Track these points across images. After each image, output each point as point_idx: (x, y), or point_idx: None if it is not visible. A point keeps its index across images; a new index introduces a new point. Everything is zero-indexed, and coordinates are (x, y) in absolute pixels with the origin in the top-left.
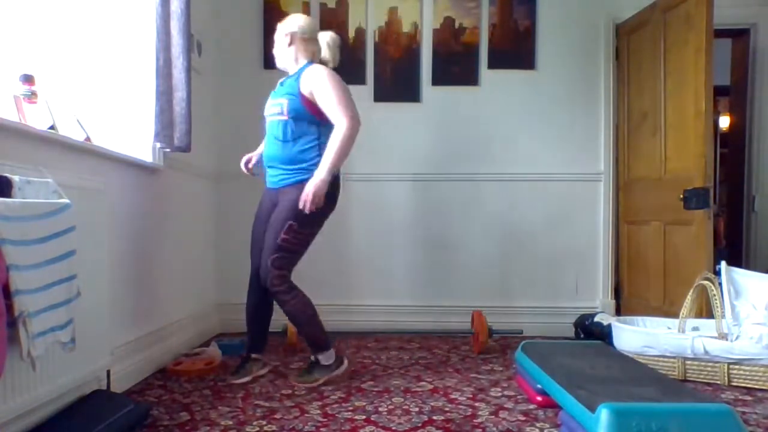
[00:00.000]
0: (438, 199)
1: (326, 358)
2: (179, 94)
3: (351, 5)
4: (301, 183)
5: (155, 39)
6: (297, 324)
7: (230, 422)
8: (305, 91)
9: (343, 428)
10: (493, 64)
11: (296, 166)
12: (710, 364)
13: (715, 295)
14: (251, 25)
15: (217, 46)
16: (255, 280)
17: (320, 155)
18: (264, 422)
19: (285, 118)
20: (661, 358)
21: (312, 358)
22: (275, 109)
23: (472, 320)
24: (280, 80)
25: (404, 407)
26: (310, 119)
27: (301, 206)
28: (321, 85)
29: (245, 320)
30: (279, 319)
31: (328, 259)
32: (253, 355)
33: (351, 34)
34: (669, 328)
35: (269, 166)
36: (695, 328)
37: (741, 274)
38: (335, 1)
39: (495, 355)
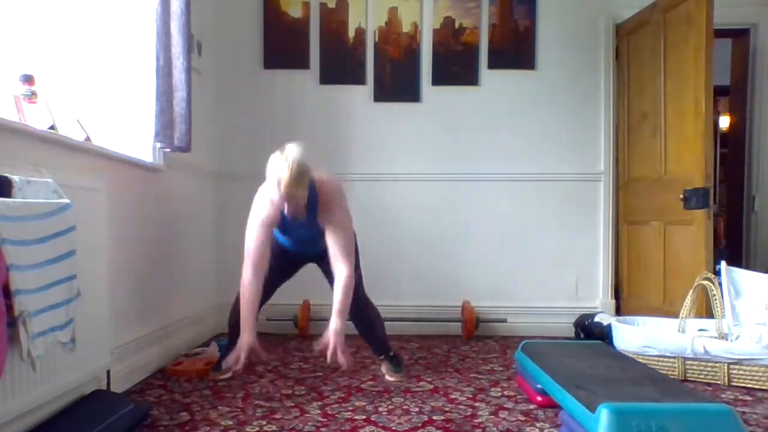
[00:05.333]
0: (438, 199)
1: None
2: (179, 94)
3: (351, 5)
4: None
5: (155, 39)
6: (376, 324)
7: (230, 422)
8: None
9: (343, 428)
10: (493, 64)
11: None
12: (710, 364)
13: (715, 295)
14: (251, 25)
15: (217, 46)
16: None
17: None
18: (264, 422)
19: (315, 239)
20: (661, 358)
21: (391, 353)
22: (303, 238)
23: (462, 310)
24: (292, 223)
25: (404, 407)
26: None
27: (330, 359)
28: (333, 229)
29: (230, 322)
30: (288, 307)
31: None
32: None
33: (351, 34)
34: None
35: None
36: (702, 330)
37: (741, 274)
38: (335, 1)
39: (495, 355)
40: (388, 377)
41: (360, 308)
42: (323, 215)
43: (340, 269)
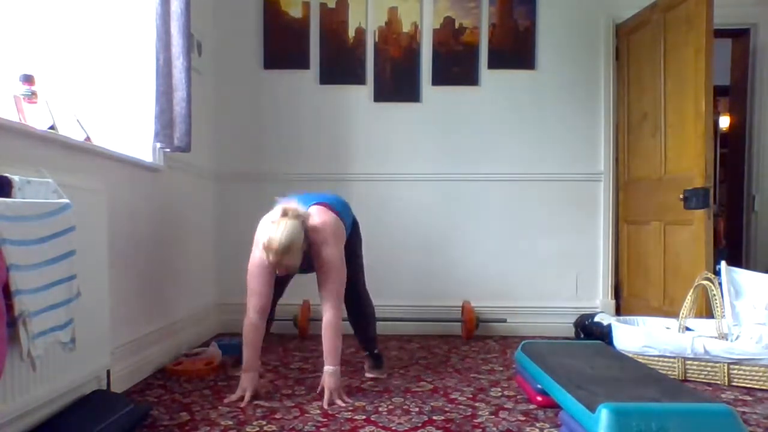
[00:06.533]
0: (438, 199)
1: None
2: (179, 94)
3: (351, 5)
4: None
5: (155, 39)
6: (369, 322)
7: (230, 422)
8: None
9: (343, 428)
10: (493, 64)
11: None
12: (710, 364)
13: (715, 295)
14: (251, 25)
15: (217, 46)
16: (258, 315)
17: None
18: (264, 422)
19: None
20: (661, 358)
21: (375, 351)
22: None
23: (462, 310)
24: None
25: (404, 407)
26: None
27: (327, 405)
28: (326, 266)
29: (244, 342)
30: (288, 307)
31: None
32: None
33: (351, 34)
34: (668, 328)
35: None
36: (689, 330)
37: (741, 274)
38: (335, 1)
39: (495, 355)
40: (368, 374)
41: (356, 298)
42: (315, 255)
43: (326, 312)
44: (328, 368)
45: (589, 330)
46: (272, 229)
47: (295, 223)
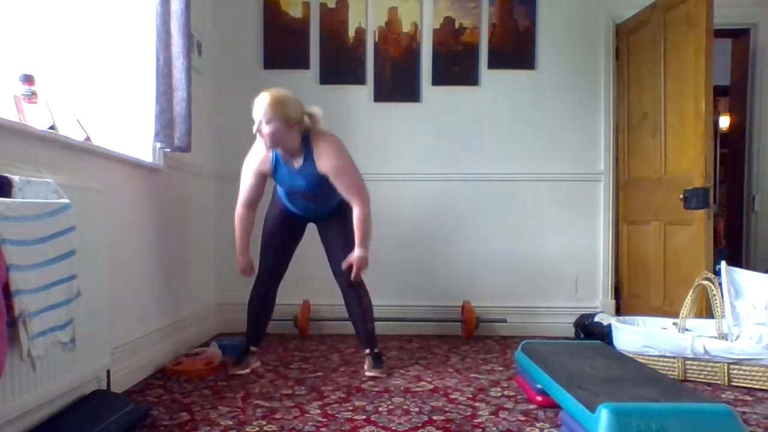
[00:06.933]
0: (438, 199)
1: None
2: (179, 94)
3: (351, 5)
4: (341, 203)
5: (155, 39)
6: (366, 318)
7: (230, 422)
8: (323, 173)
9: (343, 428)
10: (493, 64)
11: (339, 202)
12: (710, 364)
13: (715, 295)
14: (251, 25)
15: (217, 46)
16: (269, 276)
17: None
18: (264, 422)
19: (326, 192)
20: (661, 358)
21: (375, 350)
22: (306, 192)
23: (462, 310)
24: (287, 168)
25: (404, 407)
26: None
27: (354, 276)
28: (336, 173)
29: (248, 315)
30: (288, 307)
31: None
32: (252, 348)
33: (351, 34)
34: (665, 328)
35: (307, 212)
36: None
37: (741, 274)
38: (335, 1)
39: (495, 355)
40: (368, 372)
41: (353, 290)
42: (323, 162)
43: (355, 208)
44: (358, 253)
45: (589, 330)
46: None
47: (287, 94)
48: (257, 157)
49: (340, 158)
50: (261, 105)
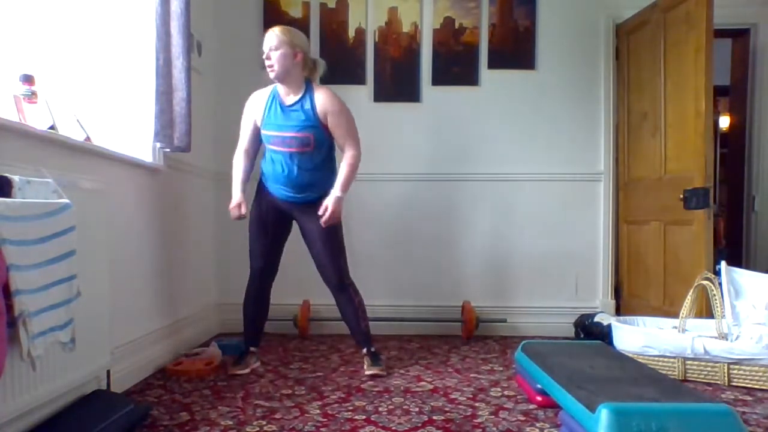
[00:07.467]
0: (438, 199)
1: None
2: (179, 94)
3: (351, 5)
4: (326, 194)
5: (155, 39)
6: (359, 317)
7: (230, 422)
8: (323, 119)
9: (343, 428)
10: (493, 64)
11: (325, 185)
12: (710, 364)
13: (715, 295)
14: (251, 25)
15: (217, 46)
16: (258, 277)
17: (334, 171)
18: (264, 422)
19: (310, 149)
20: (661, 358)
21: (372, 349)
22: (295, 141)
23: (462, 310)
24: (281, 105)
25: (404, 407)
26: (329, 144)
27: (323, 221)
28: (337, 114)
29: (244, 316)
30: (288, 307)
31: None
32: (252, 348)
33: (351, 34)
34: (661, 329)
35: (288, 187)
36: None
37: (741, 274)
38: (335, 1)
39: (495, 355)
40: (367, 371)
41: (344, 289)
42: (324, 102)
43: (347, 152)
44: (335, 193)
45: (589, 330)
46: None
47: (298, 32)
48: (253, 100)
49: (341, 104)
50: (269, 34)
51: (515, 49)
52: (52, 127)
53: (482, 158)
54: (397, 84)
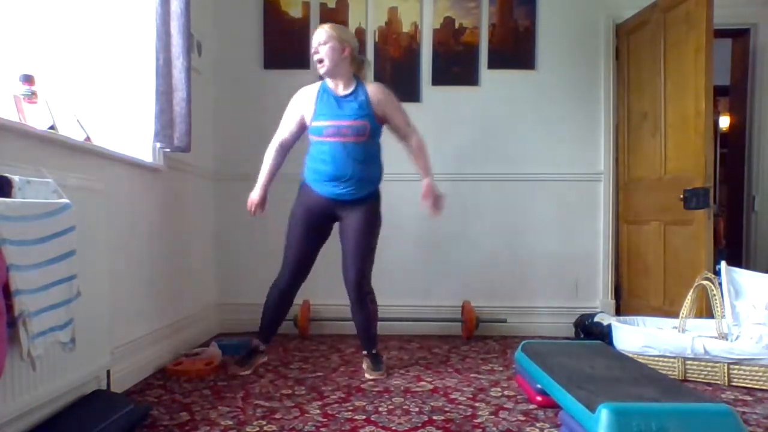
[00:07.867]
0: None
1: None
2: (179, 94)
3: (351, 5)
4: (373, 193)
5: (155, 39)
6: (372, 323)
7: (230, 422)
8: (379, 112)
9: (343, 428)
10: (493, 64)
11: (374, 181)
12: (710, 364)
13: (715, 295)
14: (251, 25)
15: (217, 46)
16: (290, 280)
17: (381, 169)
18: (264, 422)
19: (364, 139)
20: (661, 358)
21: (373, 351)
22: (350, 131)
23: (462, 310)
24: (334, 96)
25: (404, 407)
26: (379, 137)
27: (433, 207)
28: (394, 106)
29: (264, 312)
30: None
31: (329, 260)
32: (261, 348)
33: None
34: (660, 328)
35: (338, 181)
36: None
37: (741, 274)
38: (335, 1)
39: (495, 355)
40: (367, 374)
41: (361, 297)
42: (378, 95)
43: (413, 138)
44: (427, 182)
45: (589, 330)
46: None
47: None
48: (301, 94)
49: (396, 99)
50: (318, 30)
51: (515, 49)
52: (52, 127)
53: (482, 158)
54: (397, 84)
